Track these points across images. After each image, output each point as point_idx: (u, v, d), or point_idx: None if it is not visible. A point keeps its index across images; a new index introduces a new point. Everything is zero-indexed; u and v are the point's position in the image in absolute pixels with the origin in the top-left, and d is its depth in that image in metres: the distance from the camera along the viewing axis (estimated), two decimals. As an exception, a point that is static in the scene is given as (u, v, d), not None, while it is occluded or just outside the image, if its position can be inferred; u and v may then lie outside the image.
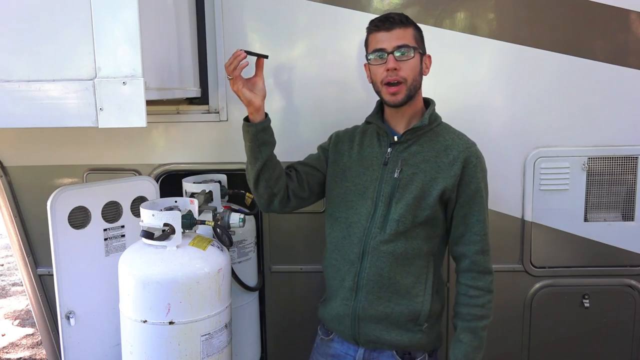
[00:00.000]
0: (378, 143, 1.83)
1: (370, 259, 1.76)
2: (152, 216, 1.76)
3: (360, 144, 1.87)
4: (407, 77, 1.71)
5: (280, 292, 2.55)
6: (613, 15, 2.26)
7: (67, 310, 2.04)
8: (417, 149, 1.78)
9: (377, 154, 1.82)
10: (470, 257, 1.77)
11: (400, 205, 1.73)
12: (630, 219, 2.40)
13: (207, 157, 2.44)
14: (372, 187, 1.78)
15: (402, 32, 1.71)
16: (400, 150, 1.78)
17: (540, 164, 2.36)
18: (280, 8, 2.31)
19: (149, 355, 1.76)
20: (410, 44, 1.72)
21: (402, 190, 1.74)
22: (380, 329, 1.78)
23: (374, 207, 1.77)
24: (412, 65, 1.72)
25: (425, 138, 1.79)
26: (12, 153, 2.46)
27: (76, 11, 1.54)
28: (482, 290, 1.76)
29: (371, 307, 1.77)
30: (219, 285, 1.81)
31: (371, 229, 1.76)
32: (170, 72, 1.97)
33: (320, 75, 2.36)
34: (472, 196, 1.75)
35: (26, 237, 2.55)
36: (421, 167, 1.75)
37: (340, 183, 1.85)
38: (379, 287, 1.76)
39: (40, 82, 1.57)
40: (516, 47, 2.29)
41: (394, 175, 1.76)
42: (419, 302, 1.77)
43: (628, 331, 2.52)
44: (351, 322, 1.79)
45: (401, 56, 1.70)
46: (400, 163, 1.76)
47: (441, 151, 1.76)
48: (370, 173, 1.80)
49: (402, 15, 1.75)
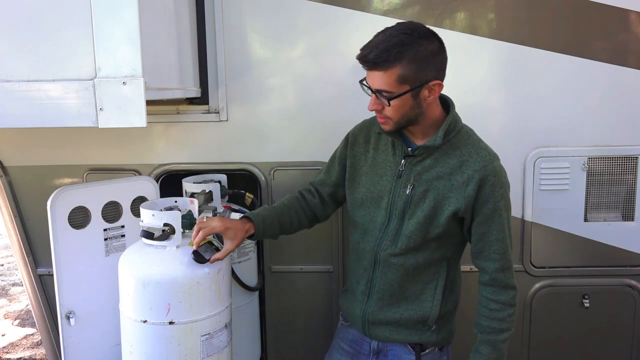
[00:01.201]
0: (393, 151, 1.74)
1: (381, 269, 1.76)
2: (152, 216, 1.76)
3: (375, 148, 1.79)
4: (391, 116, 1.60)
5: (280, 292, 2.55)
6: (613, 15, 2.26)
7: (67, 310, 2.04)
8: (431, 164, 1.67)
9: (390, 163, 1.74)
10: (490, 273, 1.71)
11: (412, 222, 1.69)
12: (630, 219, 2.41)
13: (207, 157, 2.44)
14: (386, 199, 1.73)
15: (381, 75, 1.53)
16: (413, 164, 1.69)
17: (540, 164, 2.36)
18: (280, 8, 2.31)
19: (149, 355, 1.76)
20: (390, 89, 1.53)
21: (414, 207, 1.68)
22: (390, 329, 1.81)
23: (388, 219, 1.73)
24: (396, 107, 1.57)
25: (441, 151, 1.67)
26: (12, 153, 2.46)
27: (76, 11, 1.54)
28: (503, 304, 1.71)
29: (381, 313, 1.79)
30: (219, 285, 1.81)
31: (383, 240, 1.74)
32: (170, 72, 1.97)
33: (320, 75, 2.36)
34: (490, 216, 1.65)
35: (26, 237, 2.55)
36: (434, 184, 1.66)
37: (358, 188, 1.81)
38: (389, 295, 1.77)
39: (40, 82, 1.57)
40: (516, 47, 2.29)
41: (406, 191, 1.69)
42: (427, 307, 1.77)
43: (628, 331, 2.52)
44: (362, 323, 1.83)
45: (380, 101, 1.57)
46: (413, 179, 1.68)
47: (456, 168, 1.65)
48: (384, 183, 1.74)
49: (384, 54, 1.50)
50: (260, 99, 2.38)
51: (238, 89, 2.36)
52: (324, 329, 2.49)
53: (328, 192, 1.92)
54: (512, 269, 1.72)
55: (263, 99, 2.38)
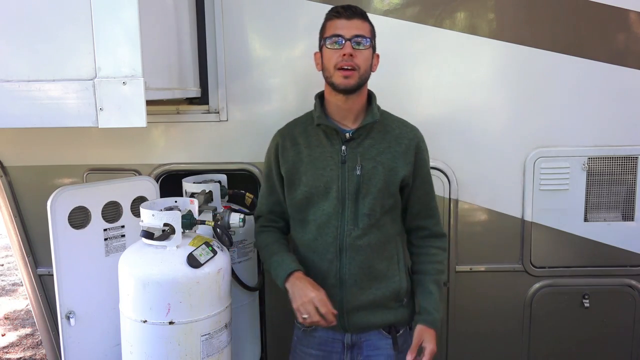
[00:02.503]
0: (328, 142, 1.83)
1: (349, 255, 1.81)
2: (152, 216, 1.76)
3: (307, 146, 1.86)
4: (360, 65, 1.73)
5: (280, 292, 2.54)
6: (613, 15, 2.26)
7: (67, 310, 2.04)
8: (371, 143, 1.82)
9: (330, 152, 1.82)
10: (430, 228, 1.92)
11: (368, 200, 1.79)
12: (630, 219, 2.41)
13: (207, 157, 2.44)
14: (334, 187, 1.80)
15: (360, 23, 1.76)
16: (354, 147, 1.81)
17: (540, 164, 2.36)
18: (280, 8, 2.31)
19: (149, 355, 1.76)
20: (367, 35, 1.75)
21: (367, 185, 1.79)
22: (367, 314, 1.84)
23: (342, 205, 1.80)
24: (366, 56, 1.75)
25: (375, 130, 1.84)
26: (12, 153, 2.46)
27: (76, 11, 1.54)
28: (441, 249, 1.92)
29: (356, 299, 1.83)
30: (219, 285, 1.81)
31: (344, 226, 1.80)
32: (170, 72, 1.97)
33: (320, 75, 2.36)
34: (425, 177, 1.88)
35: (26, 237, 2.55)
36: (379, 159, 1.80)
37: (299, 189, 1.85)
38: (361, 279, 1.82)
39: (40, 82, 1.57)
40: (516, 47, 2.29)
41: (356, 172, 1.79)
42: (396, 282, 1.85)
43: (628, 331, 2.52)
44: (339, 315, 1.81)
45: (357, 45, 1.73)
46: (359, 159, 1.80)
47: (392, 140, 1.83)
48: (329, 173, 1.81)
49: (362, 9, 1.80)
50: (260, 99, 2.38)
51: (238, 89, 2.36)
52: (324, 329, 2.49)
53: (285, 209, 1.94)
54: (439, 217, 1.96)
55: (263, 99, 2.38)
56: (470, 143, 2.37)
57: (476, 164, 2.38)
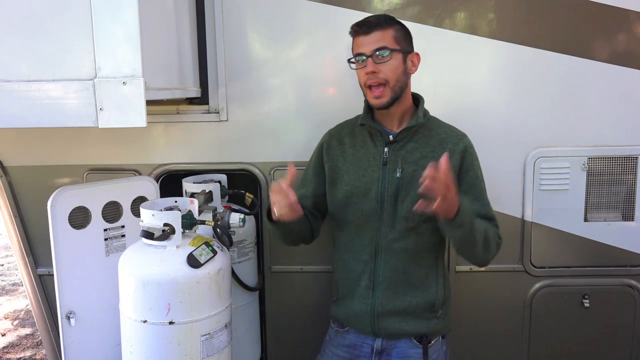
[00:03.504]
0: (372, 143, 1.84)
1: (384, 258, 1.80)
2: (152, 216, 1.76)
3: (352, 146, 1.88)
4: (388, 78, 1.72)
5: (280, 292, 2.55)
6: (613, 15, 2.26)
7: (68, 310, 2.04)
8: (414, 146, 1.81)
9: (373, 154, 1.83)
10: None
11: (406, 203, 1.77)
12: (630, 219, 2.40)
13: (207, 157, 2.44)
14: (374, 188, 1.80)
15: (380, 34, 1.72)
16: (397, 149, 1.81)
17: (540, 164, 2.36)
18: (280, 8, 2.31)
19: (149, 355, 1.76)
20: (388, 45, 1.71)
21: (407, 188, 1.77)
22: (399, 321, 1.83)
23: (380, 207, 1.80)
24: (393, 66, 1.72)
25: (419, 134, 1.82)
26: (12, 153, 2.46)
27: (76, 11, 1.54)
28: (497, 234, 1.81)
29: (389, 303, 1.82)
30: (219, 285, 1.81)
31: (381, 228, 1.80)
32: (170, 72, 1.97)
33: (320, 75, 2.37)
34: (473, 183, 1.81)
35: (26, 237, 2.55)
36: (420, 163, 1.77)
37: (341, 187, 1.87)
38: (395, 283, 1.81)
39: (40, 82, 1.57)
40: (516, 47, 2.29)
41: (396, 174, 1.78)
42: (432, 292, 1.83)
43: (628, 331, 2.52)
44: (370, 319, 1.84)
45: (379, 58, 1.70)
46: (400, 162, 1.79)
47: (437, 145, 1.80)
48: (370, 174, 1.82)
49: (381, 17, 1.76)
50: (260, 99, 2.38)
51: (238, 89, 2.36)
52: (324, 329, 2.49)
53: (310, 204, 1.95)
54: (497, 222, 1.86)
55: (263, 99, 2.38)
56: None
57: (476, 164, 2.38)
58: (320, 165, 1.94)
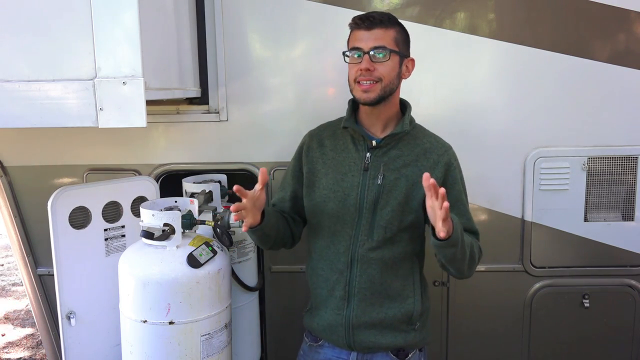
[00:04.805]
0: (354, 147, 1.77)
1: (360, 267, 1.73)
2: (152, 216, 1.76)
3: (333, 149, 1.80)
4: (382, 77, 1.66)
5: (280, 292, 2.55)
6: (613, 15, 2.26)
7: (68, 310, 2.04)
8: (397, 154, 1.74)
9: (354, 158, 1.75)
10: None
11: (385, 211, 1.70)
12: (630, 219, 2.40)
13: (207, 157, 2.44)
14: (353, 194, 1.73)
15: (381, 32, 1.67)
16: (379, 155, 1.73)
17: (540, 164, 2.36)
18: (280, 8, 2.31)
19: (149, 355, 1.76)
20: (388, 45, 1.66)
21: (387, 196, 1.71)
22: (375, 333, 1.76)
23: (358, 214, 1.72)
24: (389, 67, 1.67)
25: (404, 142, 1.76)
26: (12, 153, 2.46)
27: (76, 11, 1.54)
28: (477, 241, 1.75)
29: (365, 315, 1.75)
30: (219, 285, 1.81)
31: (358, 236, 1.73)
32: (170, 72, 1.97)
33: (320, 75, 2.37)
34: (458, 197, 1.75)
35: (26, 237, 2.55)
36: (403, 172, 1.72)
37: (318, 191, 1.79)
38: (371, 293, 1.74)
39: (40, 82, 1.57)
40: (516, 47, 2.29)
41: (377, 181, 1.71)
42: (410, 303, 1.77)
43: (628, 331, 2.52)
44: (345, 330, 1.76)
45: (376, 57, 1.65)
46: (382, 169, 1.72)
47: (421, 155, 1.74)
48: (350, 179, 1.74)
49: (385, 15, 1.69)
50: (260, 99, 2.38)
51: (238, 89, 2.36)
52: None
53: (289, 207, 1.87)
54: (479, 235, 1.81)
55: (263, 99, 2.38)
56: (470, 143, 2.36)
57: (476, 164, 2.37)
58: (299, 168, 1.86)
